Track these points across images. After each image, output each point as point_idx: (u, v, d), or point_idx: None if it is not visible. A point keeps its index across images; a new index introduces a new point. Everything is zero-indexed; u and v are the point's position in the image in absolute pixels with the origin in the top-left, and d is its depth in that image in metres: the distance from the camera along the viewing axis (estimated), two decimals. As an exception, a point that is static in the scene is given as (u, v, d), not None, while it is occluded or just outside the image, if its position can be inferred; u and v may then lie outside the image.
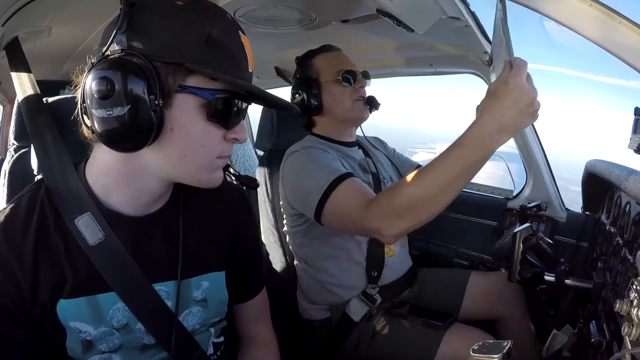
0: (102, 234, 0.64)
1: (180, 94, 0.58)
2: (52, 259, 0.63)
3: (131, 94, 0.54)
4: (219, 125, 0.62)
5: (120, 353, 0.69)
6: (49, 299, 0.62)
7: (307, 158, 1.15)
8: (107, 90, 0.53)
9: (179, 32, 0.57)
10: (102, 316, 0.66)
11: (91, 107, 0.55)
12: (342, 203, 1.02)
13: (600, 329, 0.88)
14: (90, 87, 0.55)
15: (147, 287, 0.68)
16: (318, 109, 1.27)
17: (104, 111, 0.54)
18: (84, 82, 0.56)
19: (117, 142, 0.57)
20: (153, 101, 0.55)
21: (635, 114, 0.78)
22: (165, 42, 0.56)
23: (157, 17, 0.57)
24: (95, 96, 0.54)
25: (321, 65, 1.27)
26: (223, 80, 0.59)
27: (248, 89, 0.63)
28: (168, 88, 0.56)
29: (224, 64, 0.59)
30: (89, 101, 0.56)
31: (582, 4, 0.74)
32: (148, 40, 0.56)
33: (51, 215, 0.64)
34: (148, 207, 0.69)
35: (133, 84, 0.53)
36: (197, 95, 0.58)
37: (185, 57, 0.56)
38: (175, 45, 0.56)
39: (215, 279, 0.77)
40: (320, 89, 1.25)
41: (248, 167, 1.72)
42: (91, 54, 0.58)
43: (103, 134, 0.56)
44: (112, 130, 0.55)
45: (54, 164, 0.68)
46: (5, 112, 2.31)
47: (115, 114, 0.54)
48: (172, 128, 0.58)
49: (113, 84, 0.53)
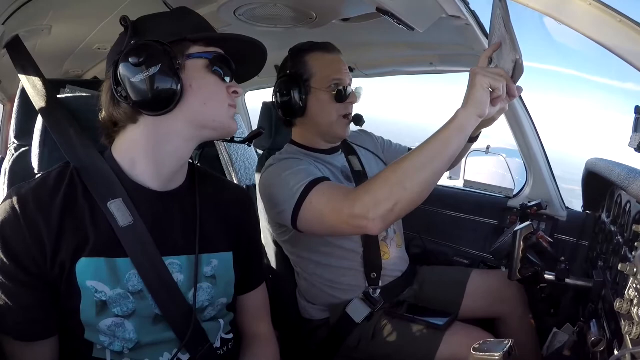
0: (131, 218, 0.73)
1: (189, 60, 0.73)
2: (78, 221, 0.70)
3: (158, 55, 0.69)
4: (221, 79, 0.77)
5: (133, 320, 0.72)
6: (70, 257, 0.68)
7: (281, 168, 1.10)
8: (139, 58, 0.67)
9: (171, 24, 0.76)
10: (118, 278, 0.71)
11: (130, 77, 0.68)
12: (320, 202, 0.98)
13: (600, 328, 0.88)
14: (124, 65, 0.68)
15: (159, 261, 0.74)
16: (301, 112, 1.20)
17: (141, 75, 0.67)
18: (113, 72, 0.69)
19: (154, 101, 0.69)
20: (174, 61, 0.70)
21: (636, 113, 0.78)
22: (166, 31, 0.74)
23: (151, 22, 0.75)
24: (131, 63, 0.67)
25: (315, 68, 1.19)
26: (210, 37, 0.77)
27: (226, 36, 0.79)
28: (179, 58, 0.71)
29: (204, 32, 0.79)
30: (125, 74, 0.68)
31: (582, 3, 0.74)
32: (152, 35, 0.71)
33: (80, 185, 0.73)
34: (169, 181, 0.79)
35: (156, 51, 0.69)
36: (200, 58, 0.74)
37: (182, 35, 0.74)
38: (173, 31, 0.74)
39: (224, 258, 0.84)
40: (309, 93, 1.19)
41: (248, 165, 1.72)
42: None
43: (141, 97, 0.68)
44: (149, 91, 0.68)
45: (81, 154, 0.78)
46: (5, 111, 2.30)
47: (151, 73, 0.67)
48: (191, 84, 0.72)
49: (144, 52, 0.67)
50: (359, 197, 0.89)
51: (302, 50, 1.23)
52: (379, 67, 1.90)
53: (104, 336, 0.71)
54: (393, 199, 0.85)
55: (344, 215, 0.91)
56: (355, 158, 1.37)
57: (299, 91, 1.18)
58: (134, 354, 0.73)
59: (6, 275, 0.66)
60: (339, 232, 1.08)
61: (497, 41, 0.89)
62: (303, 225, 1.03)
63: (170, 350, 0.75)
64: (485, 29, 1.26)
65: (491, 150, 2.18)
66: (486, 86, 0.82)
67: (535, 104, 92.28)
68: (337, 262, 1.25)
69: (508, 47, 0.83)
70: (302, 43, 1.25)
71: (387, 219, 0.87)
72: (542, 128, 1.68)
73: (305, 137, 1.27)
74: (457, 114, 0.84)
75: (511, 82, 0.84)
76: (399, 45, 1.64)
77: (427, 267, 1.49)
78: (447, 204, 1.91)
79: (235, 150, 1.70)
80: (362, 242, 1.25)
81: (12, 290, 0.66)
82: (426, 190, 0.86)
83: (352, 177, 1.31)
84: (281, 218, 1.07)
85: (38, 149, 0.91)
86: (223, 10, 1.28)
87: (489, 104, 0.83)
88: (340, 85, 1.19)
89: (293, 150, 1.25)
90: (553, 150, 1.76)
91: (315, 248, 1.24)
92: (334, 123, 1.22)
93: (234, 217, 0.88)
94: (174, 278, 0.75)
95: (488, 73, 0.83)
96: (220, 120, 0.77)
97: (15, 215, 0.66)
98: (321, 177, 1.04)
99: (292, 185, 1.02)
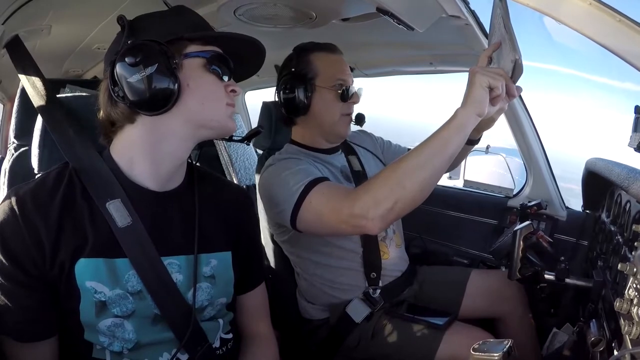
0: (130, 219, 0.72)
1: (186, 59, 0.73)
2: (77, 221, 0.70)
3: (155, 55, 0.68)
4: (219, 77, 0.76)
5: (132, 320, 0.72)
6: (69, 257, 0.68)
7: (281, 168, 1.10)
8: (136, 58, 0.66)
9: (168, 23, 0.76)
10: (118, 279, 0.71)
11: (127, 77, 0.67)
12: (320, 201, 0.98)
13: (600, 328, 0.88)
14: (121, 65, 0.67)
15: (158, 261, 0.74)
16: (304, 110, 1.20)
17: (138, 75, 0.67)
18: (110, 72, 0.69)
19: (151, 101, 0.68)
20: (171, 61, 0.69)
21: (636, 112, 0.78)
22: (163, 30, 0.73)
23: (148, 21, 0.75)
24: (128, 63, 0.66)
25: (320, 67, 1.20)
26: (207, 36, 0.76)
27: (223, 35, 0.79)
28: (176, 57, 0.71)
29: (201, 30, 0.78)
30: (122, 74, 0.67)
31: (582, 3, 0.74)
32: (149, 35, 0.71)
33: (79, 185, 0.73)
34: (167, 181, 0.78)
35: (153, 51, 0.68)
36: (197, 57, 0.74)
37: (179, 34, 0.73)
38: (170, 30, 0.73)
39: (222, 258, 0.84)
40: (314, 91, 1.19)
41: (248, 165, 1.72)
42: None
43: (138, 97, 0.68)
44: (146, 91, 0.67)
45: (80, 154, 0.77)
46: (5, 111, 2.30)
47: (147, 73, 0.67)
48: (188, 84, 0.72)
49: (140, 52, 0.67)
50: (359, 197, 0.89)
51: (306, 49, 1.23)
52: (378, 67, 1.90)
53: (104, 336, 0.71)
54: (393, 199, 0.85)
55: (344, 215, 0.91)
56: (355, 158, 1.37)
57: (304, 89, 1.18)
58: (133, 354, 0.73)
59: (5, 276, 0.66)
60: (339, 232, 1.07)
61: (497, 41, 0.89)
62: (302, 225, 1.03)
63: (169, 350, 0.75)
64: (485, 28, 1.26)
65: (491, 150, 2.18)
66: (485, 85, 0.82)
67: (535, 103, 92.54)
68: (337, 262, 1.25)
69: (507, 47, 0.83)
70: (305, 42, 1.26)
71: (386, 218, 0.87)
72: (542, 127, 1.69)
73: (305, 136, 1.28)
74: (457, 113, 0.84)
75: (510, 82, 0.84)
76: (398, 45, 1.64)
77: (426, 267, 1.49)
78: (447, 203, 1.91)
79: (235, 150, 1.70)
80: (362, 242, 1.25)
81: (12, 290, 0.66)
82: (426, 189, 0.86)
83: (352, 177, 1.31)
84: (280, 218, 1.07)
85: (38, 149, 0.91)
86: (223, 10, 1.28)
87: (488, 103, 0.84)
88: (344, 85, 1.20)
89: (293, 150, 1.25)
90: (552, 150, 1.76)
91: (315, 248, 1.24)
92: (336, 122, 1.23)
93: (233, 216, 0.88)
94: (173, 278, 0.75)
95: (487, 72, 0.83)
96: (218, 119, 0.77)
97: (14, 216, 0.66)
98: (320, 177, 1.04)
99: (292, 185, 1.02)
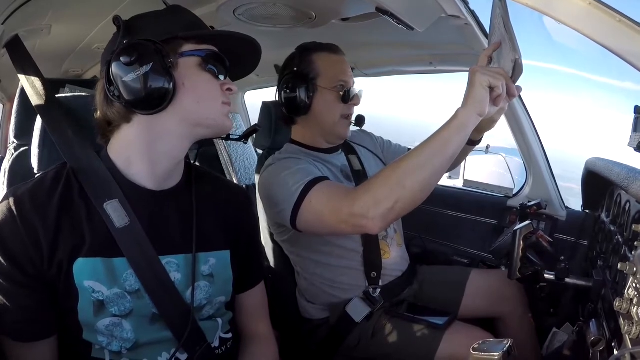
0: (128, 219, 0.73)
1: (181, 58, 0.73)
2: (75, 221, 0.70)
3: (150, 54, 0.68)
4: (215, 76, 0.76)
5: (131, 319, 0.72)
6: (67, 257, 0.68)
7: (281, 168, 1.10)
8: (131, 57, 0.66)
9: (163, 22, 0.76)
10: (116, 278, 0.72)
11: (122, 77, 0.67)
12: (320, 201, 0.98)
13: (600, 327, 0.88)
14: (116, 64, 0.67)
15: (155, 260, 0.74)
16: (305, 109, 1.21)
17: (133, 74, 0.67)
18: (106, 72, 0.69)
19: (147, 100, 0.69)
20: (166, 60, 0.69)
21: (636, 112, 0.78)
22: (158, 29, 0.73)
23: (144, 21, 0.76)
24: (123, 62, 0.66)
25: (322, 67, 1.20)
26: (202, 35, 0.77)
27: (218, 33, 0.79)
28: (171, 56, 0.71)
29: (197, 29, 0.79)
30: (117, 74, 0.68)
31: (582, 2, 0.74)
32: (145, 34, 0.71)
33: (76, 185, 0.73)
34: (165, 180, 0.79)
35: (148, 50, 0.68)
36: (193, 56, 0.74)
37: (174, 33, 0.73)
38: (165, 29, 0.74)
39: (221, 257, 0.84)
40: (315, 91, 1.20)
41: (248, 165, 1.72)
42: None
43: (134, 96, 0.68)
44: (141, 90, 0.68)
45: (78, 154, 0.78)
46: (5, 111, 2.30)
47: (142, 72, 0.67)
48: (184, 83, 0.72)
49: (135, 51, 0.67)
50: (359, 196, 0.89)
51: (308, 49, 1.24)
52: (378, 66, 1.90)
53: (102, 336, 0.71)
54: (393, 198, 0.85)
55: (344, 215, 0.91)
56: (355, 157, 1.37)
57: (306, 89, 1.19)
58: (132, 354, 0.73)
59: (4, 276, 0.66)
60: (339, 231, 1.06)
61: (497, 40, 0.89)
62: (302, 225, 1.03)
63: (168, 350, 0.75)
64: (485, 28, 1.26)
65: (491, 150, 2.18)
66: (486, 85, 0.82)
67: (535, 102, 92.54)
68: (337, 261, 1.25)
69: (507, 47, 0.83)
70: (308, 42, 1.26)
71: (387, 218, 0.87)
72: (542, 127, 1.69)
73: (306, 136, 1.28)
74: (457, 113, 0.84)
75: (510, 82, 0.84)
76: (398, 45, 1.64)
77: (426, 267, 1.49)
78: (447, 203, 1.91)
79: (234, 150, 1.70)
80: (362, 241, 1.25)
81: (10, 290, 0.66)
82: (426, 189, 0.86)
83: (352, 176, 1.31)
84: (280, 218, 1.07)
85: (38, 149, 0.91)
86: (222, 9, 1.28)
87: (488, 103, 0.84)
88: (346, 86, 1.21)
89: (293, 150, 1.25)
90: (552, 149, 1.76)
91: (315, 247, 1.24)
92: (336, 123, 1.23)
93: (232, 215, 0.88)
94: (171, 277, 0.75)
95: (488, 72, 0.83)
96: (214, 118, 0.77)
97: (12, 216, 0.66)
98: (320, 177, 1.04)
99: (292, 185, 1.02)
